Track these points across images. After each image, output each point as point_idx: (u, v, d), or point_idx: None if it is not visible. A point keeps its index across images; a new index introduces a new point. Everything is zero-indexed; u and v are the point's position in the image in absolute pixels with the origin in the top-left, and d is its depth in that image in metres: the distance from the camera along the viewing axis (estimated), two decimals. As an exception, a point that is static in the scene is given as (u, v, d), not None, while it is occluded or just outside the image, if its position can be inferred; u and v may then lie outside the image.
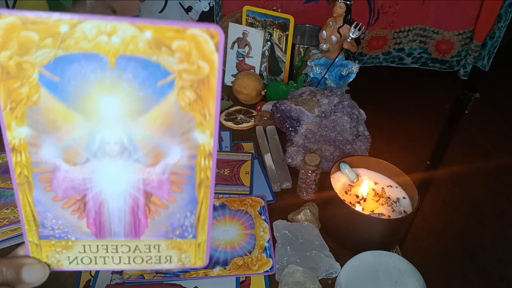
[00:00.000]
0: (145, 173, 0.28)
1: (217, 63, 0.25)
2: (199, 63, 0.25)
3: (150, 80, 0.25)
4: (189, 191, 0.29)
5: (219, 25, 1.11)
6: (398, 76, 1.83)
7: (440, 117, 1.91)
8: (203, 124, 0.27)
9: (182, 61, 0.25)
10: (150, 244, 0.31)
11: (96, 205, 0.29)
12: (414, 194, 0.66)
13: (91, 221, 0.30)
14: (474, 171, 1.92)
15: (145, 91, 0.26)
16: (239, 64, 1.09)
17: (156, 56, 0.25)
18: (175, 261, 0.32)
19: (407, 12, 1.29)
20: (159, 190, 0.29)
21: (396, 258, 0.60)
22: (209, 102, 0.26)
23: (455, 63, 1.37)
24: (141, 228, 0.30)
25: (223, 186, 0.76)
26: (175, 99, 0.26)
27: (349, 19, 0.92)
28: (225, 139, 0.90)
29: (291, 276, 0.57)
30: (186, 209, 0.30)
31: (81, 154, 0.27)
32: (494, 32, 1.26)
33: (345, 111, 0.81)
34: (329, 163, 0.79)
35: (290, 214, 0.70)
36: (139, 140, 0.27)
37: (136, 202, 0.29)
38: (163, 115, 0.26)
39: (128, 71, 0.25)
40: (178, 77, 0.26)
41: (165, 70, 0.25)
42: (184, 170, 0.29)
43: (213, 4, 1.19)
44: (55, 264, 0.31)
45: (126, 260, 0.31)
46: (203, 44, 0.25)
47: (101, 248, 0.31)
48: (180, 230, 0.31)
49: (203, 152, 0.28)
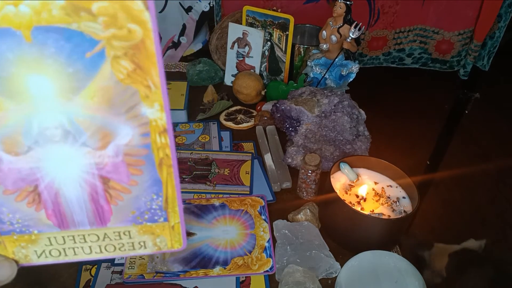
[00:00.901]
0: (96, 156, 0.26)
1: (151, 24, 0.22)
2: (129, 26, 0.22)
3: (76, 52, 0.23)
4: (150, 172, 0.27)
5: (219, 25, 1.12)
6: (398, 76, 1.82)
7: (440, 117, 1.91)
8: (149, 97, 0.24)
9: (108, 26, 0.22)
10: (119, 231, 0.30)
11: (52, 195, 0.27)
12: (414, 194, 0.66)
13: (50, 212, 0.28)
14: (474, 171, 1.92)
15: (74, 65, 0.23)
16: (239, 64, 1.09)
17: (77, 23, 0.22)
18: (150, 246, 0.31)
19: (407, 12, 1.29)
20: (116, 174, 0.27)
21: (396, 258, 0.60)
22: (151, 70, 0.24)
23: (455, 63, 1.37)
24: (105, 215, 0.29)
25: (223, 186, 0.76)
26: (110, 71, 0.23)
27: (349, 19, 0.92)
28: (225, 139, 0.90)
29: (291, 276, 0.57)
30: (150, 191, 0.28)
31: (21, 143, 0.25)
32: (494, 32, 1.26)
33: (345, 111, 0.81)
34: (329, 163, 0.79)
35: (290, 214, 0.70)
36: (81, 122, 0.25)
37: (93, 188, 0.28)
38: (101, 90, 0.24)
39: (49, 45, 0.22)
40: (108, 46, 0.23)
41: (90, 38, 0.22)
42: (139, 150, 0.26)
43: (213, 4, 1.19)
44: (23, 259, 0.29)
45: (98, 249, 0.30)
46: (129, 4, 0.22)
47: (67, 239, 0.29)
48: (149, 214, 0.29)
49: (157, 129, 0.26)
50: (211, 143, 0.88)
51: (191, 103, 1.01)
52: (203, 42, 1.27)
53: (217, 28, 1.13)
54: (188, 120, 0.96)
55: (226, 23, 1.08)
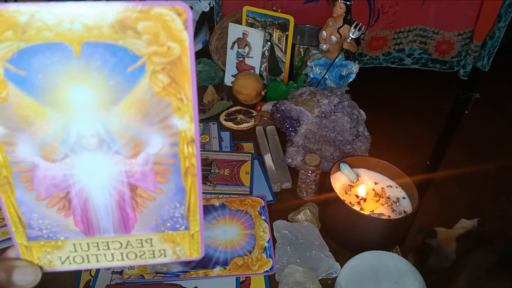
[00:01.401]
0: (127, 165, 0.27)
1: (188, 43, 0.24)
2: (168, 44, 0.24)
3: (119, 66, 0.24)
4: (176, 180, 0.28)
5: (219, 25, 1.12)
6: (398, 77, 1.83)
7: (440, 117, 1.91)
8: (181, 109, 0.26)
9: (151, 44, 0.24)
10: (142, 239, 0.30)
11: (81, 201, 0.28)
12: (414, 194, 0.66)
13: (78, 218, 0.29)
14: (474, 171, 1.92)
15: (116, 78, 0.24)
16: (239, 64, 1.09)
17: (123, 40, 0.24)
18: (170, 254, 0.31)
19: (407, 12, 1.29)
20: (144, 182, 0.28)
21: (396, 258, 0.60)
22: (185, 84, 0.25)
23: (455, 63, 1.37)
24: (130, 222, 0.30)
25: (223, 186, 0.76)
26: (148, 84, 0.25)
27: (349, 19, 0.92)
28: (225, 139, 0.90)
29: (291, 276, 0.57)
30: (174, 199, 0.29)
31: (58, 150, 0.26)
32: (494, 32, 1.26)
33: (345, 111, 0.81)
34: (329, 163, 0.79)
35: (290, 214, 0.70)
36: (116, 131, 0.26)
37: (121, 195, 0.29)
38: (137, 102, 0.25)
39: (95, 59, 0.24)
40: (149, 61, 0.24)
41: (133, 54, 0.24)
42: (167, 159, 0.28)
43: (213, 4, 1.19)
44: (47, 265, 0.30)
45: (119, 256, 0.31)
46: (170, 23, 0.23)
47: (92, 246, 0.30)
48: (171, 222, 0.30)
49: (185, 139, 0.27)
50: (211, 144, 0.88)
51: (191, 103, 1.01)
52: (203, 42, 1.27)
53: (217, 28, 1.13)
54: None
55: (226, 23, 1.08)
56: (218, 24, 1.14)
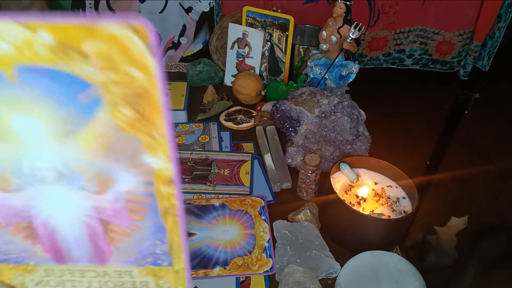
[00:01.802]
0: (95, 200, 0.25)
1: (154, 69, 0.19)
2: (128, 71, 0.20)
3: (66, 95, 0.21)
4: (153, 219, 0.26)
5: (219, 25, 1.12)
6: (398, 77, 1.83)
7: (440, 117, 1.91)
8: (154, 146, 0.22)
9: (104, 69, 0.20)
10: (120, 270, 0.28)
11: (48, 231, 0.26)
12: (414, 194, 0.66)
13: (47, 247, 0.27)
14: (474, 172, 1.92)
15: (66, 108, 0.21)
16: (239, 65, 1.09)
17: (66, 64, 0.19)
18: (153, 286, 0.29)
19: (407, 12, 1.29)
20: (116, 218, 0.26)
21: (396, 258, 0.60)
22: (155, 120, 0.21)
23: (455, 63, 1.37)
24: (105, 254, 0.27)
25: (223, 186, 0.76)
26: (109, 117, 0.21)
27: (349, 20, 0.92)
28: (225, 139, 0.90)
29: (291, 276, 0.57)
30: (154, 237, 0.27)
31: (11, 181, 0.24)
32: (494, 32, 1.26)
33: (345, 111, 0.81)
34: (329, 163, 0.79)
35: (290, 214, 0.70)
36: (77, 166, 0.23)
37: (93, 229, 0.26)
38: (98, 137, 0.22)
39: (35, 86, 0.20)
40: (105, 90, 0.20)
41: (83, 81, 0.20)
42: (142, 198, 0.25)
43: (213, 4, 1.19)
44: (20, 286, 0.29)
45: (97, 284, 0.29)
46: (128, 45, 0.19)
47: (66, 272, 0.28)
48: (152, 258, 0.28)
49: (161, 178, 0.24)
50: (211, 144, 0.88)
51: (191, 103, 1.01)
52: (203, 43, 1.27)
53: (217, 29, 1.13)
54: (188, 121, 0.96)
55: (226, 23, 1.08)
56: (218, 24, 1.14)
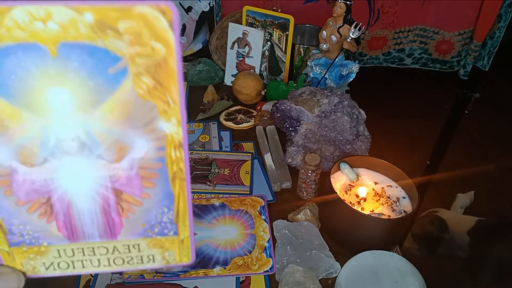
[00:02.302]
0: (111, 169, 0.26)
1: (174, 43, 0.23)
2: (152, 45, 0.23)
3: (99, 67, 0.23)
4: (163, 185, 0.27)
5: (219, 25, 1.12)
6: (398, 76, 1.83)
7: (440, 117, 1.90)
8: (168, 112, 0.25)
9: (133, 44, 0.23)
10: (129, 244, 0.29)
11: (64, 207, 0.27)
12: (414, 194, 0.66)
13: (61, 224, 0.28)
14: (474, 171, 1.92)
15: (96, 80, 0.23)
16: (239, 64, 1.09)
17: (102, 40, 0.22)
18: (159, 260, 0.30)
19: (407, 12, 1.29)
20: (129, 187, 0.27)
21: (396, 258, 0.60)
22: (171, 87, 0.24)
23: (455, 63, 1.37)
24: (116, 228, 0.29)
25: (223, 186, 0.76)
26: (131, 86, 0.24)
27: (349, 19, 0.92)
28: (225, 139, 0.90)
29: (291, 276, 0.57)
30: (162, 204, 0.28)
31: (37, 154, 0.25)
32: (494, 32, 1.26)
33: (345, 111, 0.81)
34: (329, 163, 0.79)
35: (290, 214, 0.70)
36: (98, 134, 0.25)
37: (106, 201, 0.27)
38: (120, 105, 0.24)
39: (72, 60, 0.22)
40: (131, 62, 0.23)
41: (114, 55, 0.23)
42: (153, 164, 0.26)
43: (213, 4, 1.19)
44: (30, 271, 0.29)
45: (106, 262, 0.30)
46: (155, 23, 0.22)
47: (76, 251, 0.29)
48: (159, 227, 0.29)
49: (172, 143, 0.26)
50: (211, 143, 0.88)
51: (191, 103, 1.01)
52: (203, 42, 1.27)
53: (217, 28, 1.13)
54: (188, 120, 0.96)
55: (226, 23, 1.08)
56: (218, 24, 1.14)
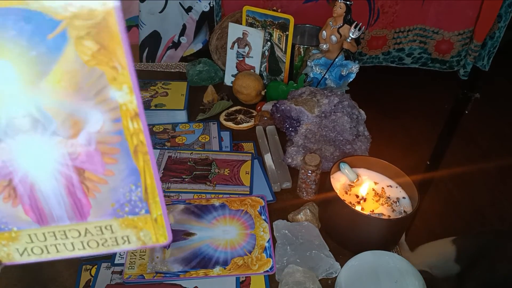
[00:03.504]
0: (69, 146, 0.25)
1: (113, 1, 0.21)
2: (90, 5, 0.21)
3: (38, 34, 0.22)
4: (126, 160, 0.26)
5: (219, 25, 1.12)
6: (398, 76, 1.83)
7: (440, 117, 1.90)
8: (117, 79, 0.23)
9: (70, 5, 0.21)
10: (101, 225, 0.29)
11: (27, 189, 0.26)
12: (414, 194, 0.66)
13: (28, 207, 0.27)
14: (474, 171, 1.92)
15: (37, 48, 0.22)
16: (239, 64, 1.09)
17: (36, 2, 0.21)
18: (134, 240, 0.30)
19: (407, 12, 1.29)
20: (90, 164, 0.26)
21: (396, 258, 0.60)
22: (116, 50, 0.23)
23: (455, 63, 1.37)
24: (84, 208, 0.28)
25: (223, 186, 0.76)
26: (75, 52, 0.22)
27: (349, 19, 0.92)
28: (225, 139, 0.90)
29: (291, 276, 0.57)
30: (128, 181, 0.27)
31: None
32: (494, 32, 1.26)
33: (345, 111, 0.81)
34: (329, 163, 0.79)
35: (290, 214, 0.70)
36: (49, 109, 0.24)
37: (69, 180, 0.27)
38: (66, 74, 0.23)
39: (9, 27, 0.21)
40: (70, 26, 0.22)
41: (51, 19, 0.21)
42: (111, 137, 0.25)
43: (213, 4, 1.19)
44: (5, 258, 0.29)
45: (80, 245, 0.29)
46: None
47: (48, 235, 0.28)
48: (129, 206, 0.28)
49: (128, 113, 0.25)
50: (211, 143, 0.88)
51: (191, 103, 1.01)
52: (203, 42, 1.27)
53: (217, 28, 1.13)
54: (188, 120, 0.96)
55: (226, 23, 1.08)
56: (218, 24, 1.14)
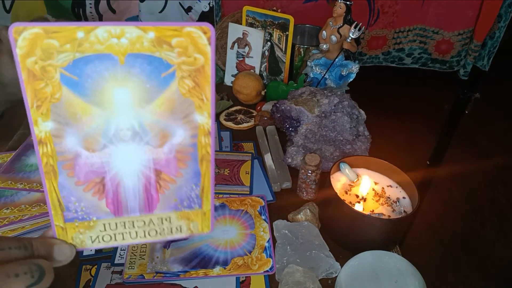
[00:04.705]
0: (155, 153, 0.32)
1: (211, 54, 0.30)
2: (195, 56, 0.29)
3: (155, 73, 0.29)
4: (193, 166, 0.33)
5: (219, 25, 1.12)
6: (398, 76, 1.83)
7: (440, 117, 1.90)
8: (202, 107, 0.31)
9: (181, 55, 0.29)
10: (162, 217, 0.35)
11: (114, 185, 0.32)
12: (414, 194, 0.66)
13: (110, 200, 0.33)
14: (474, 171, 1.92)
15: (151, 82, 0.29)
16: (239, 64, 1.09)
17: (159, 52, 0.29)
18: (185, 230, 0.36)
19: (407, 12, 1.29)
20: (167, 168, 0.33)
21: (396, 258, 0.60)
22: (205, 88, 0.31)
23: (455, 63, 1.37)
24: (153, 203, 0.34)
25: (223, 186, 0.76)
26: (177, 87, 0.30)
27: (349, 19, 0.92)
28: (225, 139, 0.90)
29: (291, 276, 0.57)
30: (191, 182, 0.34)
31: (99, 141, 0.31)
32: (494, 32, 1.26)
33: (345, 111, 0.81)
34: (329, 163, 0.79)
35: (290, 214, 0.70)
36: (148, 125, 0.31)
37: (148, 179, 0.33)
38: (167, 101, 0.30)
39: (136, 67, 0.29)
40: (178, 69, 0.30)
41: (167, 63, 0.29)
42: (187, 148, 0.33)
43: (213, 4, 1.19)
44: (79, 244, 0.33)
45: (142, 234, 0.35)
46: (198, 39, 0.29)
47: (119, 225, 0.34)
48: (187, 202, 0.35)
49: (203, 131, 0.32)
50: (211, 143, 0.88)
51: (191, 103, 1.01)
52: (203, 42, 1.27)
53: (217, 28, 1.13)
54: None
55: (226, 23, 1.08)
56: (218, 24, 1.14)
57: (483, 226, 1.69)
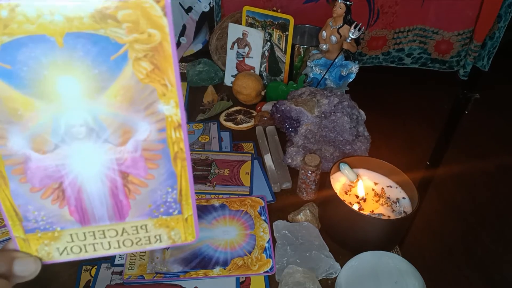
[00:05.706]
0: (117, 152, 0.28)
1: (168, 28, 0.25)
2: (149, 31, 0.25)
3: (102, 55, 0.25)
4: (166, 165, 0.29)
5: (219, 25, 1.12)
6: (398, 76, 1.83)
7: (440, 117, 1.91)
8: (166, 94, 0.27)
9: (131, 31, 0.25)
10: (137, 225, 0.31)
11: (75, 191, 0.29)
12: (414, 194, 0.66)
13: (73, 208, 0.29)
14: (474, 171, 1.92)
15: (99, 67, 0.25)
16: (239, 65, 1.09)
17: (104, 29, 0.24)
18: (165, 239, 0.32)
19: (407, 12, 1.29)
20: (134, 169, 0.29)
21: (396, 258, 0.60)
22: (167, 70, 0.26)
23: (454, 63, 1.37)
24: (124, 209, 0.30)
25: (223, 187, 0.76)
26: (132, 71, 0.26)
27: (349, 20, 0.92)
28: (225, 139, 0.90)
29: (291, 276, 0.57)
30: (166, 184, 0.30)
31: (49, 141, 0.27)
32: (494, 32, 1.26)
33: (345, 112, 0.81)
34: (329, 163, 0.79)
35: (290, 214, 0.70)
36: (104, 119, 0.27)
37: (114, 183, 0.29)
38: (122, 90, 0.26)
39: (78, 49, 0.24)
40: (131, 49, 0.25)
41: (115, 43, 0.25)
42: (156, 145, 0.28)
43: (213, 4, 1.19)
44: (46, 257, 0.30)
45: (116, 244, 0.31)
46: (150, 11, 0.24)
47: (88, 235, 0.30)
48: (164, 207, 0.31)
49: (172, 124, 0.28)
50: (211, 144, 0.88)
51: (191, 103, 1.01)
52: (203, 43, 1.27)
53: (217, 29, 1.13)
54: (188, 121, 0.96)
55: (226, 23, 1.08)
56: (218, 24, 1.14)
57: (483, 226, 1.69)
